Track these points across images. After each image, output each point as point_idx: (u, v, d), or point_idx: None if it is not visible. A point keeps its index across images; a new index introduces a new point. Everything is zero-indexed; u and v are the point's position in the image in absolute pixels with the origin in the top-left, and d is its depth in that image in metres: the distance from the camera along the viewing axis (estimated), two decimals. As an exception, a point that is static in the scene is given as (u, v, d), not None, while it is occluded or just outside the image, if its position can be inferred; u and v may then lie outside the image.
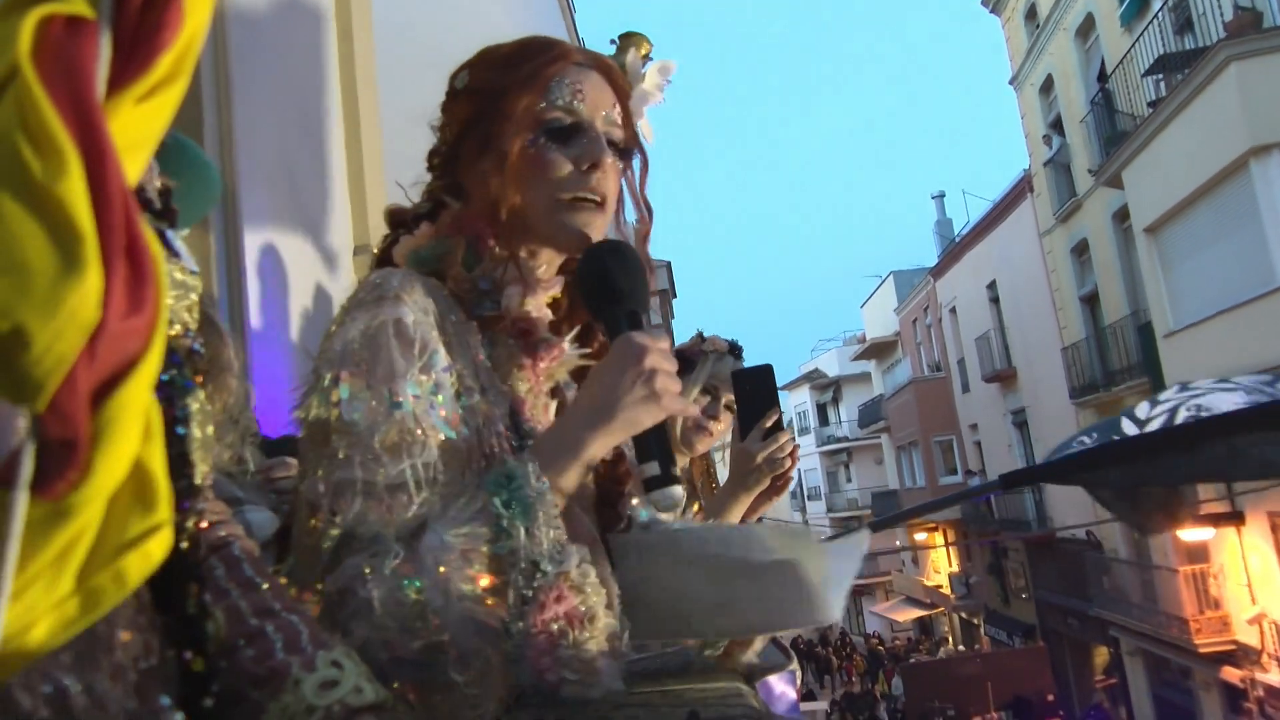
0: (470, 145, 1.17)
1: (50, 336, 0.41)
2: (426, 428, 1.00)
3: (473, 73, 1.19)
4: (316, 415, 1.00)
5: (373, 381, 1.00)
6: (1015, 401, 21.14)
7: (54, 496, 0.44)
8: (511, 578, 0.96)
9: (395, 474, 0.97)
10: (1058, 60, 17.31)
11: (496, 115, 1.13)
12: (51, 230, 0.41)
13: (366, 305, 1.03)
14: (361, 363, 1.00)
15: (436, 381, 1.02)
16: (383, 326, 1.01)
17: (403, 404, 0.99)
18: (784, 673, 1.44)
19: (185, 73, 0.50)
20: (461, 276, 1.13)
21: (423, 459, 0.99)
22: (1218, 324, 11.28)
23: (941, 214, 29.13)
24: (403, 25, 4.16)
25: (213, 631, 0.73)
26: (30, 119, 0.42)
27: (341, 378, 1.00)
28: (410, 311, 1.03)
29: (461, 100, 1.19)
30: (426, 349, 1.03)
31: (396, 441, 0.98)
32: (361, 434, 0.98)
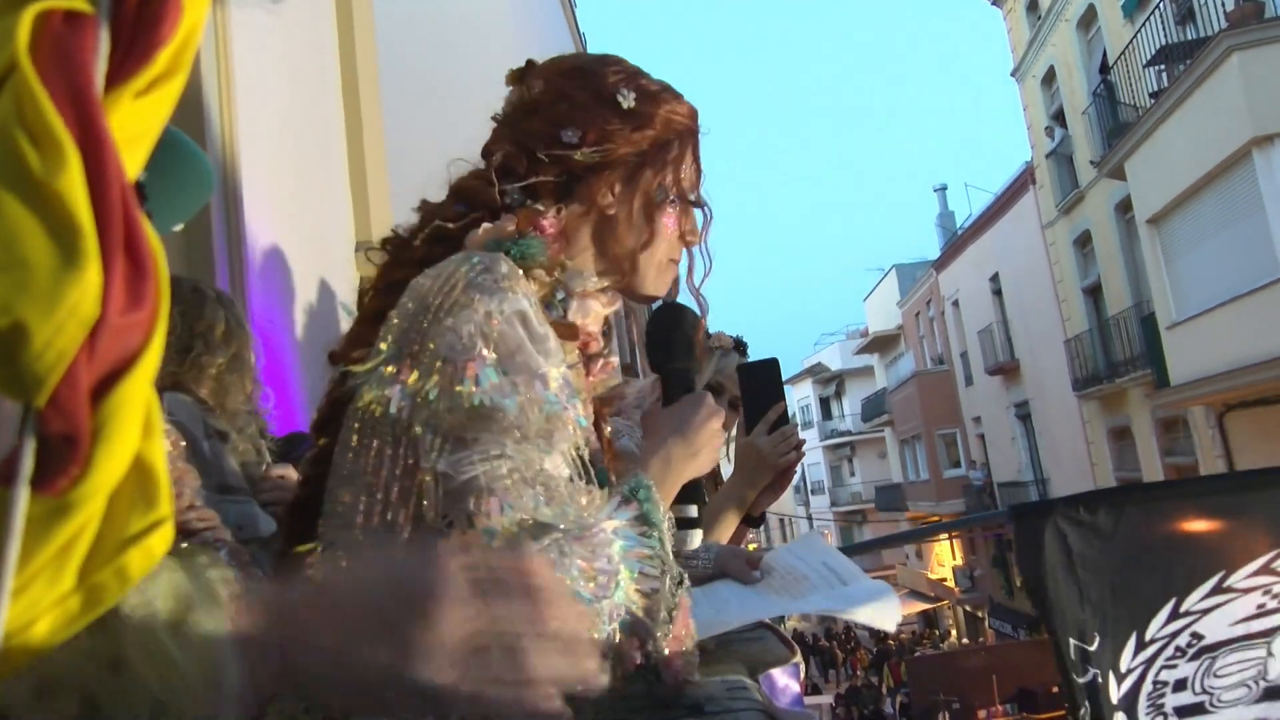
0: (620, 174, 1.17)
1: (50, 332, 0.41)
2: (569, 419, 1.00)
3: (644, 106, 1.18)
4: (453, 400, 0.96)
5: (512, 368, 0.98)
6: (1018, 394, 21.13)
7: (55, 493, 0.44)
8: (664, 587, 0.99)
9: (551, 465, 0.98)
10: (1060, 52, 17.26)
11: (659, 166, 1.18)
12: (51, 226, 0.41)
13: (484, 289, 1.00)
14: (504, 351, 0.98)
15: (564, 375, 1.02)
16: (512, 316, 0.99)
17: (547, 393, 0.98)
18: (788, 666, 1.45)
19: (184, 67, 0.50)
20: (548, 281, 1.11)
21: (565, 445, 1.00)
22: (1221, 315, 11.26)
23: (944, 207, 29.08)
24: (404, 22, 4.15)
25: None
26: (29, 114, 0.41)
27: (485, 363, 0.97)
28: (528, 304, 1.02)
29: (627, 126, 1.17)
30: (549, 345, 1.02)
31: (547, 429, 0.98)
32: (511, 421, 0.96)
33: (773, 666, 1.42)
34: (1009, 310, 21.21)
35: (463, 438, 0.96)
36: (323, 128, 3.27)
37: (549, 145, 1.16)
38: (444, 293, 1.00)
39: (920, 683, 16.07)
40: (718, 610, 1.23)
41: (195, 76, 2.41)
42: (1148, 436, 15.21)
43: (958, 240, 24.38)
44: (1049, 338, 18.72)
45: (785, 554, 1.41)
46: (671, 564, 1.01)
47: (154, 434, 0.49)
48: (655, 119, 1.18)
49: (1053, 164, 17.89)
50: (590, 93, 1.17)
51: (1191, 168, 11.50)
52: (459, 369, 0.96)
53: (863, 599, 1.19)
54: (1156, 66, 12.83)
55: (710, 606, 1.24)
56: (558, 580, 0.81)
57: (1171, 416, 14.18)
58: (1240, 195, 10.92)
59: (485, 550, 0.83)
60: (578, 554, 0.91)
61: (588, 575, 0.91)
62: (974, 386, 24.13)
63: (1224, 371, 11.09)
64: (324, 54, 3.44)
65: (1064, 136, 17.42)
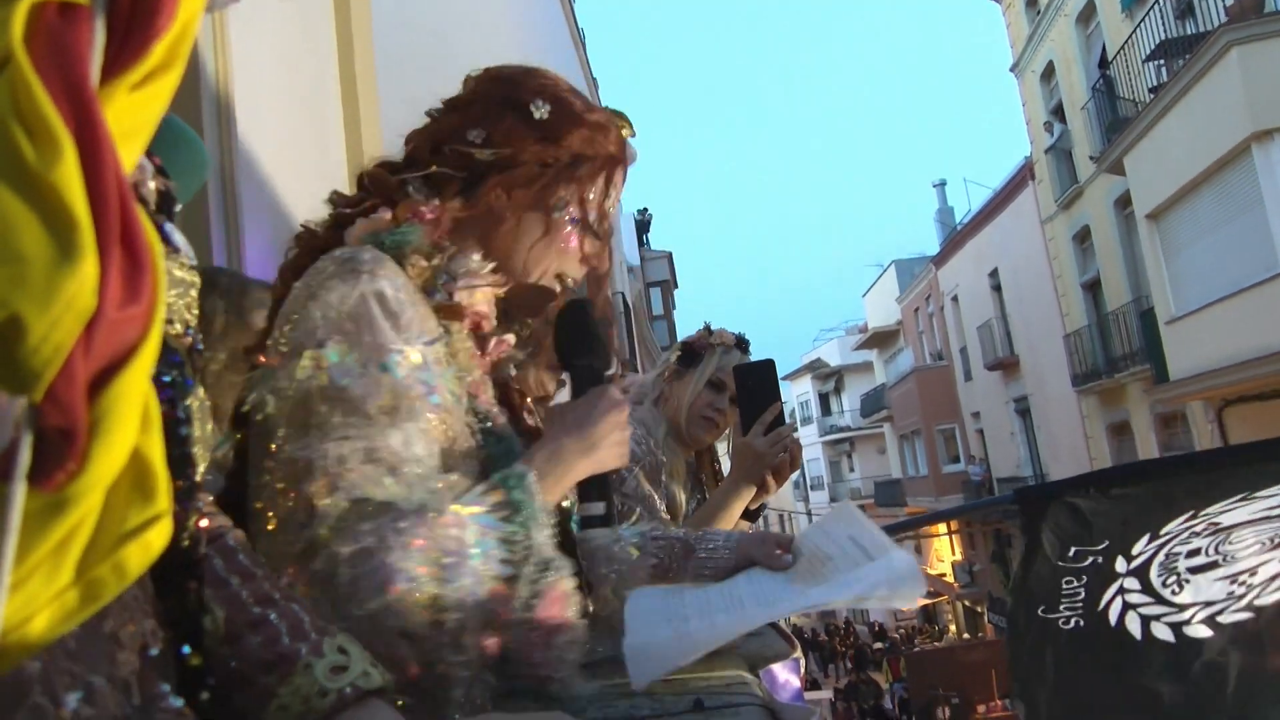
0: (519, 180, 1.19)
1: (47, 326, 0.41)
2: (417, 396, 1.02)
3: (555, 115, 1.21)
4: (298, 385, 0.99)
5: (360, 349, 1.00)
6: (1018, 389, 21.14)
7: (52, 487, 0.44)
8: (525, 571, 1.00)
9: (396, 441, 0.98)
10: (1059, 47, 17.25)
11: (565, 183, 1.20)
12: (46, 218, 0.41)
13: (342, 277, 1.04)
14: (348, 331, 1.01)
15: (420, 354, 1.05)
16: (364, 298, 1.02)
17: (394, 370, 1.00)
18: (788, 661, 1.44)
19: (180, 59, 0.49)
20: (424, 267, 1.14)
21: (418, 425, 1.01)
22: (1220, 310, 11.26)
23: (943, 202, 29.07)
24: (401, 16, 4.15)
25: (210, 627, 0.74)
26: (24, 106, 0.41)
27: (327, 344, 1.00)
28: (389, 285, 1.05)
29: (532, 135, 1.20)
30: (409, 324, 1.04)
31: (394, 406, 0.99)
32: (356, 400, 0.98)
33: (773, 662, 1.42)
34: (1008, 305, 21.22)
35: (307, 422, 0.98)
36: (320, 119, 3.27)
37: (454, 141, 1.20)
38: (309, 286, 1.05)
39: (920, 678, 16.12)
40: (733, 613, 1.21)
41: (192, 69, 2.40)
42: (1147, 431, 15.22)
43: (957, 236, 24.38)
44: (1048, 333, 18.73)
45: (813, 532, 1.38)
46: (538, 551, 1.01)
47: (152, 428, 0.48)
48: (569, 136, 1.20)
49: (1052, 159, 17.88)
50: (504, 98, 1.22)
51: (1191, 163, 11.49)
52: (303, 353, 1.00)
53: (879, 581, 1.16)
54: (1156, 61, 12.82)
55: (726, 610, 1.22)
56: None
57: (1170, 411, 14.19)
58: (1240, 190, 10.91)
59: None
60: (417, 534, 0.93)
61: (428, 557, 0.93)
62: (973, 382, 24.14)
63: (1223, 366, 11.10)
64: (321, 46, 3.43)
65: (1063, 132, 17.41)
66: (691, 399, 2.27)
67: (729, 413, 2.28)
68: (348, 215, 1.18)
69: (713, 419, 2.28)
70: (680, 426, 2.28)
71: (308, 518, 0.95)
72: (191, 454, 0.71)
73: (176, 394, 0.69)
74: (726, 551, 1.42)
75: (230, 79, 2.55)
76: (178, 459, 0.68)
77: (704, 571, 1.39)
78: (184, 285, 0.75)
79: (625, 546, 1.40)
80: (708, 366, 2.29)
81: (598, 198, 1.23)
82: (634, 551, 1.40)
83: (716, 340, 2.34)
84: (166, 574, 0.67)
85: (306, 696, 0.75)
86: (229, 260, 2.50)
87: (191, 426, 0.71)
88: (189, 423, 0.70)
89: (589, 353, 1.24)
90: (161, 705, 0.64)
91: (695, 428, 2.28)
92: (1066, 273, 17.97)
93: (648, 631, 1.16)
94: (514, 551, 1.00)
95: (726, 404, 2.28)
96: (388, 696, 0.79)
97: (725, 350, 2.32)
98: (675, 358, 2.36)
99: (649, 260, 21.64)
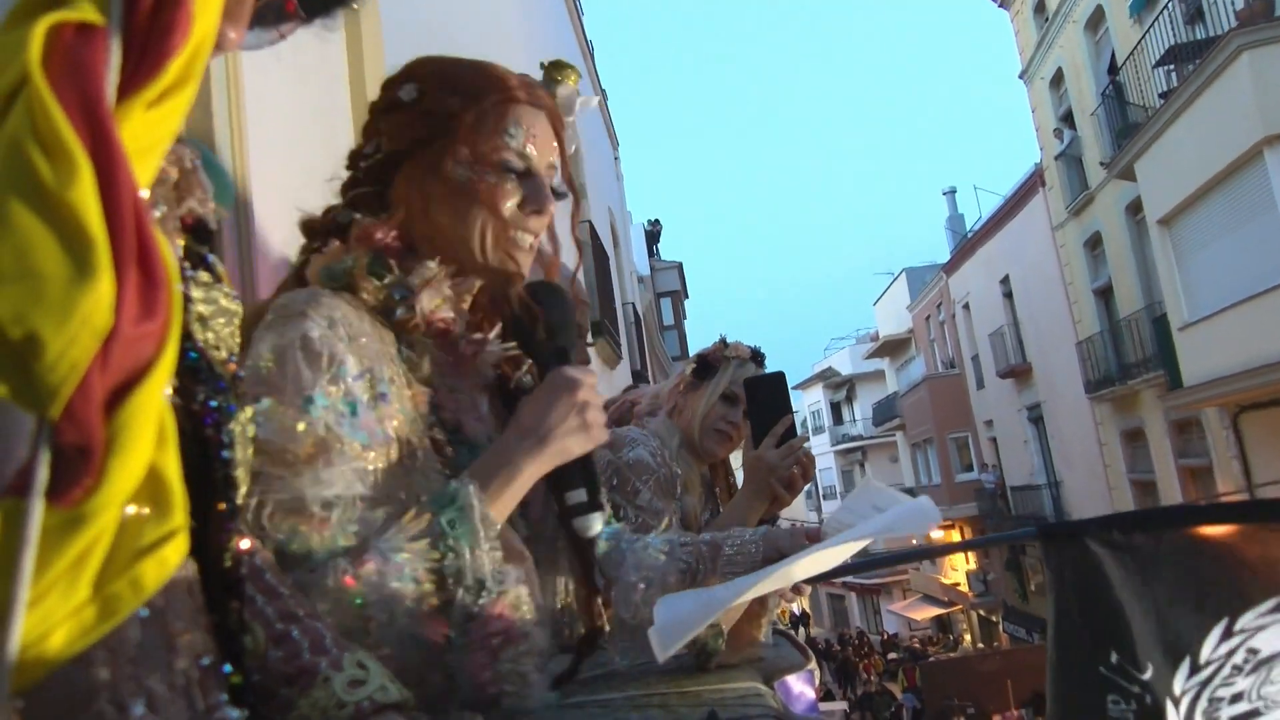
0: (414, 164, 1.18)
1: (64, 343, 0.41)
2: (342, 437, 1.01)
3: (423, 89, 1.20)
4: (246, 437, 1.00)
5: (282, 398, 1.00)
6: (1030, 397, 21.05)
7: (69, 504, 0.44)
8: (458, 595, 0.98)
9: (318, 488, 0.98)
10: (1067, 53, 17.23)
11: (450, 142, 1.17)
12: (63, 237, 0.41)
13: (274, 326, 1.04)
14: (271, 380, 1.01)
15: (347, 392, 1.03)
16: (289, 344, 1.02)
17: (312, 415, 1.00)
18: (802, 672, 1.44)
19: (195, 77, 0.50)
20: (373, 288, 1.13)
21: (341, 468, 1.00)
22: (1233, 315, 11.20)
23: (953, 209, 29.01)
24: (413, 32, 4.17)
25: (250, 646, 0.75)
26: (41, 126, 0.42)
27: (260, 398, 1.00)
28: (316, 326, 1.04)
29: (409, 116, 1.20)
30: (335, 360, 1.03)
31: (314, 454, 0.99)
32: (276, 450, 0.98)
33: (788, 673, 1.41)
34: (1020, 313, 21.15)
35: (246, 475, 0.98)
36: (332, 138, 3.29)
37: (359, 161, 1.22)
38: (254, 338, 1.05)
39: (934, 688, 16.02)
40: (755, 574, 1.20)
41: (204, 89, 2.42)
42: (1161, 438, 15.12)
43: (967, 243, 24.33)
44: (1060, 340, 18.65)
45: (839, 512, 1.38)
46: (472, 572, 0.99)
47: (167, 444, 0.49)
48: (442, 100, 1.18)
49: (1062, 166, 17.84)
50: (385, 101, 1.23)
51: (1202, 168, 11.45)
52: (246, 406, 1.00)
53: (893, 517, 1.17)
54: (1165, 67, 12.79)
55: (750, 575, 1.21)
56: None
57: (1185, 418, 14.09)
58: (1252, 195, 10.86)
59: None
60: (339, 577, 0.93)
61: (348, 601, 0.93)
62: (985, 390, 24.05)
63: (1238, 372, 11.03)
64: (333, 66, 3.45)
65: (1073, 138, 17.38)
66: (705, 411, 2.27)
67: (742, 425, 2.28)
68: (299, 264, 1.19)
69: (726, 432, 2.28)
70: (694, 439, 2.28)
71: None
72: (234, 477, 0.73)
73: (221, 418, 0.71)
74: (754, 546, 1.40)
75: (242, 97, 2.57)
76: (220, 482, 0.70)
77: (733, 569, 1.38)
78: (229, 314, 0.76)
79: (653, 552, 1.39)
80: (722, 379, 2.29)
81: (496, 140, 1.18)
82: (661, 556, 1.38)
83: (732, 353, 2.33)
84: (209, 593, 0.68)
85: (325, 709, 0.77)
86: (241, 280, 2.51)
87: (234, 450, 0.72)
88: (231, 446, 0.72)
89: (543, 333, 1.19)
90: (218, 715, 0.65)
91: (708, 440, 2.28)
92: (1078, 279, 17.90)
93: (673, 612, 1.14)
94: (443, 577, 0.98)
95: (740, 417, 2.27)
96: (405, 711, 0.80)
97: (740, 363, 2.31)
98: (690, 370, 2.36)
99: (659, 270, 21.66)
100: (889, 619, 33.49)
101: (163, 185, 0.70)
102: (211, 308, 0.74)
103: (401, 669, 0.93)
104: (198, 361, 0.70)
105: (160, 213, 0.70)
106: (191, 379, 0.68)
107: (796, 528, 1.44)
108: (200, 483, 0.68)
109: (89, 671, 0.55)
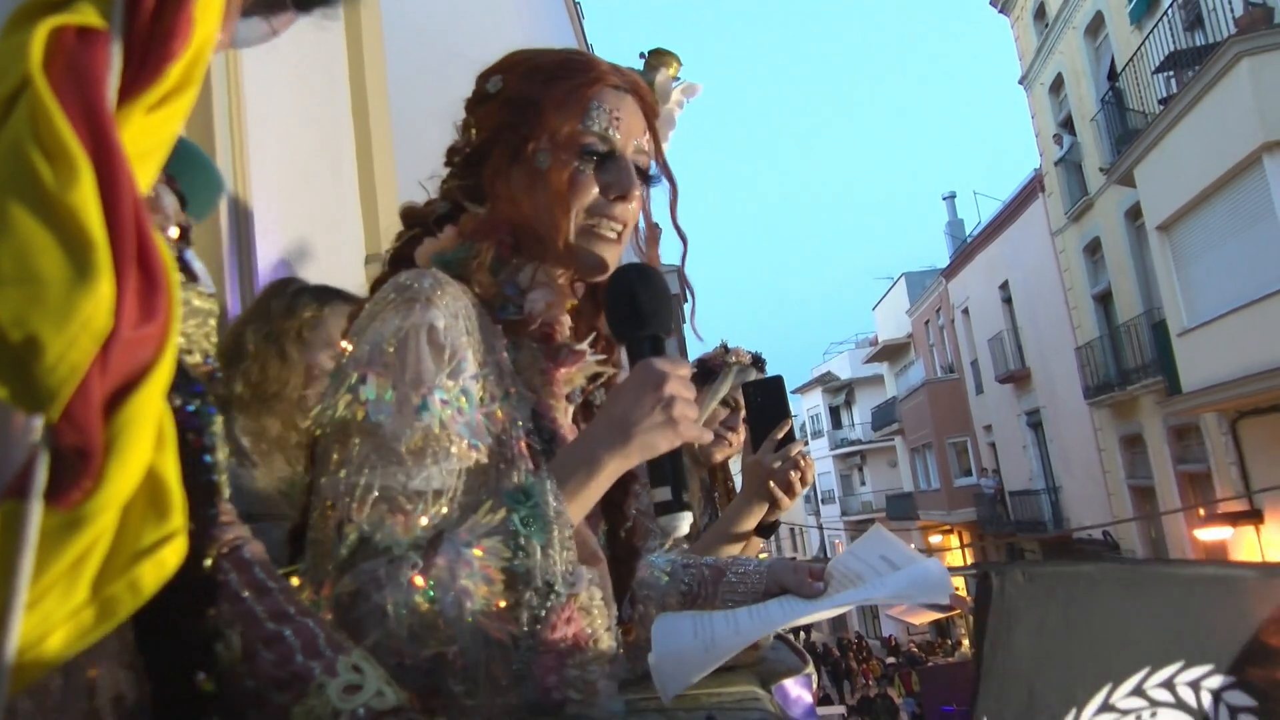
0: (500, 153, 1.16)
1: (63, 345, 0.41)
2: (452, 435, 1.00)
3: (508, 79, 1.18)
4: (341, 414, 0.98)
5: (400, 385, 0.99)
6: (1030, 402, 21.04)
7: (68, 505, 0.45)
8: (525, 596, 0.96)
9: (418, 482, 0.97)
10: (1067, 59, 17.25)
11: (532, 128, 1.14)
12: (63, 239, 0.41)
13: (398, 306, 1.02)
14: (391, 364, 0.99)
15: (464, 388, 1.02)
16: (414, 330, 1.00)
17: (430, 409, 0.98)
18: (800, 676, 1.43)
19: (196, 81, 0.50)
20: (488, 282, 1.12)
21: (446, 466, 0.99)
22: (1233, 321, 11.20)
23: (953, 215, 29.01)
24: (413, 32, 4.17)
25: (223, 653, 0.74)
26: (42, 129, 0.42)
27: (368, 377, 0.99)
28: (442, 316, 1.02)
29: (494, 106, 1.18)
30: (456, 355, 1.02)
31: (421, 447, 0.98)
32: (386, 437, 0.97)
33: (785, 678, 1.41)
34: (1019, 318, 21.15)
35: (343, 454, 0.98)
36: (332, 141, 3.29)
37: (453, 155, 1.21)
38: (370, 312, 1.04)
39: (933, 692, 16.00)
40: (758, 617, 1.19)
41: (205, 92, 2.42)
42: (1160, 444, 15.12)
43: (967, 248, 24.33)
44: (1059, 345, 18.65)
45: (844, 557, 1.36)
46: (541, 574, 0.96)
47: (166, 447, 0.49)
48: (524, 88, 1.16)
49: (1062, 171, 17.85)
50: (475, 95, 1.21)
51: (1202, 174, 11.46)
52: (353, 385, 0.99)
53: (909, 583, 1.13)
54: (1165, 73, 12.80)
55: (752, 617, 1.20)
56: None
57: (1184, 424, 14.09)
58: (1251, 201, 10.87)
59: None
60: (413, 573, 0.92)
61: (424, 594, 0.91)
62: (984, 395, 24.04)
63: (1237, 378, 11.03)
64: (333, 68, 3.45)
65: (1073, 144, 17.39)
66: (704, 417, 2.26)
67: (741, 430, 2.27)
68: (399, 252, 1.18)
69: (724, 437, 2.28)
70: (692, 444, 2.28)
71: (334, 544, 0.96)
72: (216, 481, 0.72)
73: (202, 422, 0.70)
74: (758, 576, 1.37)
75: (242, 98, 2.57)
76: (204, 486, 0.70)
77: (734, 596, 1.36)
78: (203, 314, 0.76)
79: (656, 573, 1.37)
80: (723, 384, 2.28)
81: (576, 124, 1.13)
82: (664, 577, 1.37)
83: (733, 359, 2.33)
84: (186, 598, 0.67)
85: (320, 717, 0.74)
86: (240, 280, 2.51)
87: (215, 454, 0.71)
88: (213, 450, 0.71)
89: (630, 322, 1.12)
90: None
91: (707, 446, 2.28)
92: (1077, 285, 17.91)
93: (674, 644, 1.12)
94: (513, 576, 0.96)
95: (739, 422, 2.27)
96: (404, 716, 0.78)
97: (741, 369, 2.31)
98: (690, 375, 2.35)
99: (659, 275, 21.61)
100: (887, 623, 33.46)
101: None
102: (183, 307, 0.73)
103: (468, 667, 0.93)
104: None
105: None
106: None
107: (799, 564, 1.41)
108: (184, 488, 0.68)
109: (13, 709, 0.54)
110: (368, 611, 0.92)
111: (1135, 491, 16.54)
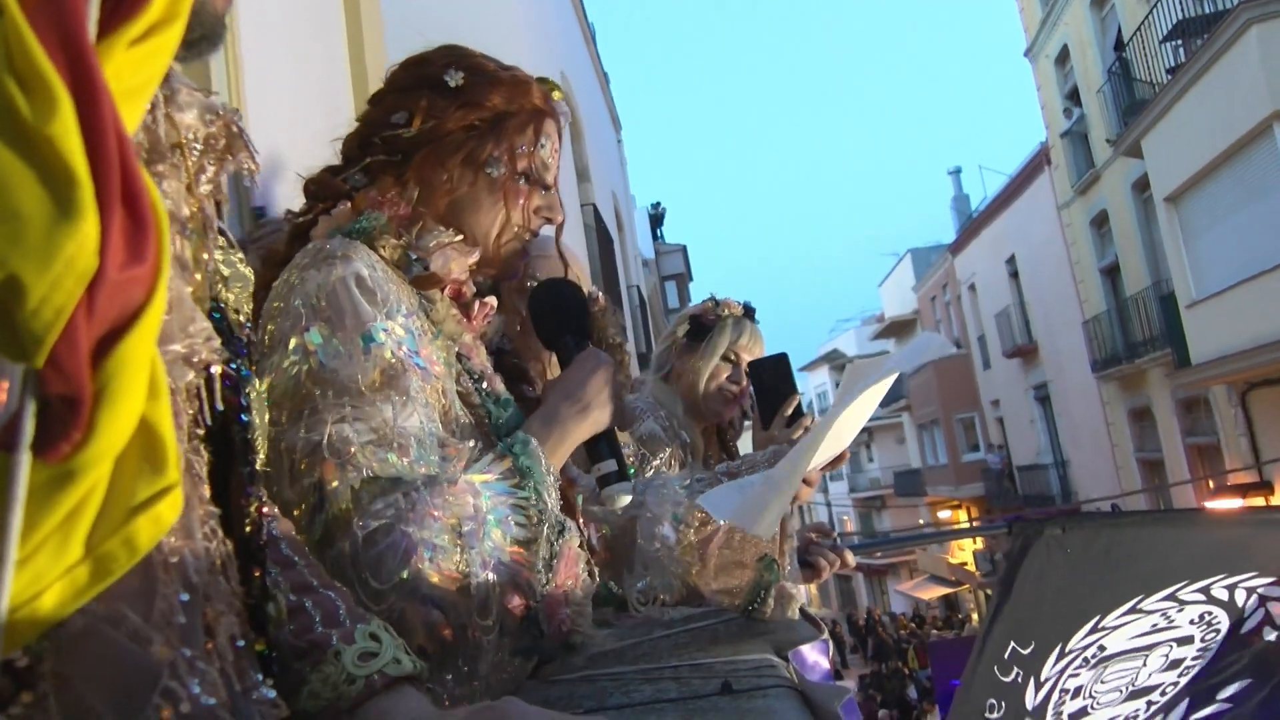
0: (449, 149, 1.21)
1: (46, 287, 0.39)
2: (407, 365, 1.04)
3: (471, 81, 1.23)
4: (291, 372, 1.01)
5: (341, 330, 1.02)
6: (1037, 376, 20.99)
7: (58, 458, 0.42)
8: (543, 533, 1.04)
9: (391, 415, 1.00)
10: (1073, 30, 17.07)
11: (498, 139, 1.23)
12: (43, 174, 0.39)
13: (317, 266, 1.07)
14: (327, 315, 1.03)
15: (405, 324, 1.07)
16: (340, 281, 1.05)
17: (378, 342, 1.02)
18: (817, 642, 1.43)
19: (182, 14, 0.47)
20: (394, 244, 1.17)
21: (413, 396, 1.03)
22: (1242, 292, 11.13)
23: (958, 189, 28.88)
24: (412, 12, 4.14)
25: (274, 614, 0.74)
26: (17, 59, 0.39)
27: (310, 328, 1.02)
28: (364, 266, 1.07)
29: (453, 102, 1.22)
30: (388, 300, 1.07)
31: (382, 381, 1.01)
32: (344, 380, 1.00)
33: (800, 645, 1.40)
34: (1026, 292, 21.06)
35: (301, 408, 1.00)
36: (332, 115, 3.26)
37: (380, 131, 1.23)
38: (287, 281, 1.08)
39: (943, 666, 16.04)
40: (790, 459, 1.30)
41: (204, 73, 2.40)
42: (1168, 417, 15.07)
43: (973, 223, 24.22)
44: (1067, 319, 18.58)
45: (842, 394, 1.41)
46: (550, 514, 1.06)
47: (159, 396, 0.46)
48: (488, 96, 1.23)
49: (1068, 144, 17.71)
50: (419, 78, 1.25)
51: (1210, 144, 11.35)
52: (294, 342, 1.02)
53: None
54: (1173, 42, 12.66)
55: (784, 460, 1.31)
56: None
57: (1192, 396, 14.04)
58: (1260, 171, 10.77)
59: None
60: (433, 505, 0.96)
61: (446, 525, 0.96)
62: (992, 370, 24.00)
63: (1245, 349, 10.97)
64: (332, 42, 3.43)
65: (1079, 115, 17.24)
66: (708, 373, 2.25)
67: (746, 385, 2.26)
68: (301, 225, 1.22)
69: (730, 391, 2.26)
70: (697, 402, 2.26)
71: (319, 501, 0.96)
72: (253, 441, 0.71)
73: (241, 382, 0.69)
74: (766, 464, 1.49)
75: (240, 75, 2.55)
76: (240, 445, 0.69)
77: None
78: (245, 280, 0.76)
79: (675, 487, 1.46)
80: (720, 339, 2.26)
81: (529, 149, 1.24)
82: (682, 490, 1.46)
83: (724, 311, 2.31)
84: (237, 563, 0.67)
85: (335, 684, 0.75)
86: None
87: (252, 414, 0.71)
88: (250, 410, 0.70)
89: (563, 329, 1.27)
90: (255, 695, 0.64)
91: (713, 402, 2.26)
92: (1084, 258, 17.81)
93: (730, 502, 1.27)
94: (529, 515, 1.04)
95: (742, 376, 2.26)
96: (418, 684, 0.79)
97: (735, 321, 2.29)
98: (684, 331, 2.33)
99: (663, 254, 21.58)
100: (896, 599, 33.54)
101: (212, 150, 0.68)
102: (230, 270, 0.73)
103: (487, 601, 0.98)
104: (220, 322, 0.69)
105: (209, 174, 0.68)
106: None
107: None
108: (220, 447, 0.67)
109: (150, 650, 0.54)
110: (390, 546, 0.95)
111: (1144, 465, 16.50)
